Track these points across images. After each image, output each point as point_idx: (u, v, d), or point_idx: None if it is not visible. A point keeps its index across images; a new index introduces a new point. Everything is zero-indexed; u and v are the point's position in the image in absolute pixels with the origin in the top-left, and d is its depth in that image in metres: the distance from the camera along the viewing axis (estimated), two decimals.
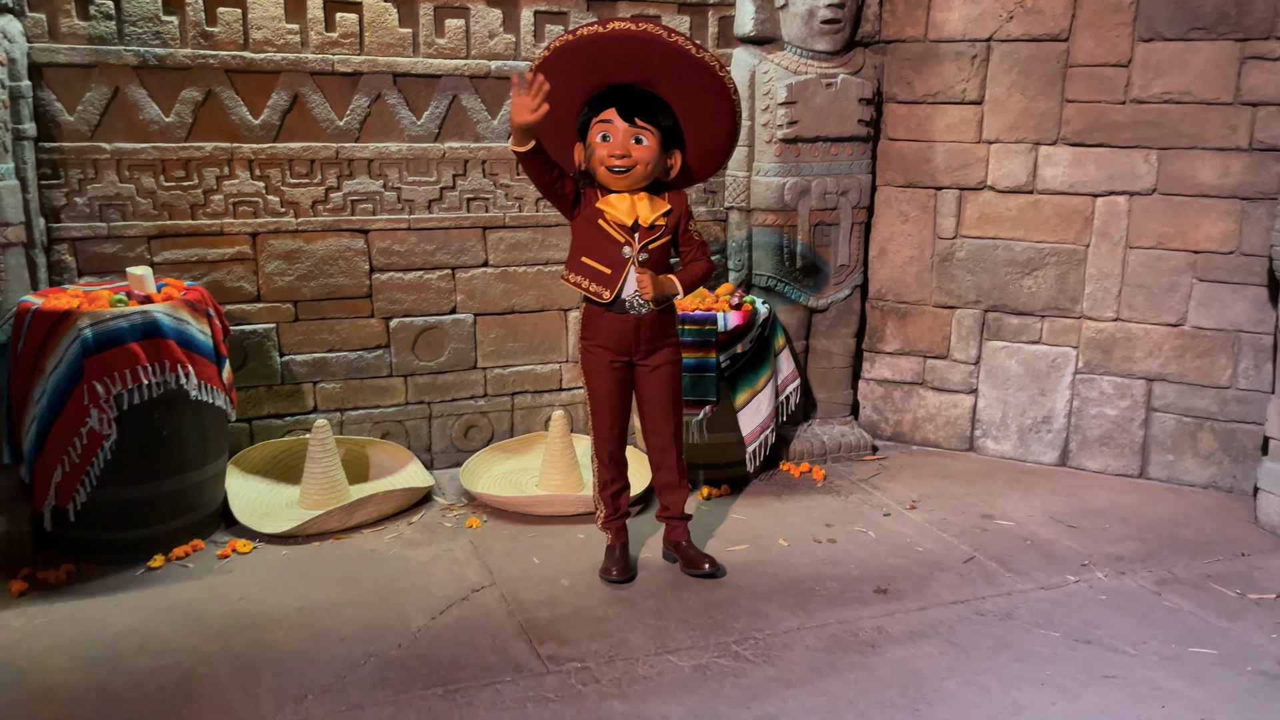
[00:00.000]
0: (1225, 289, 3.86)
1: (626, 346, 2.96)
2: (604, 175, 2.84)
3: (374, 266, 3.81)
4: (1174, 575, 3.26)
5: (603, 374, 3.00)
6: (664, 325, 2.99)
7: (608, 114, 2.79)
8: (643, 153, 2.81)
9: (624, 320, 2.92)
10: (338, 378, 3.84)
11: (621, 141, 2.79)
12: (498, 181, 3.90)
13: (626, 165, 2.80)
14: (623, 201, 2.86)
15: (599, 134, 2.81)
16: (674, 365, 3.03)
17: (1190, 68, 3.75)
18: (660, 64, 2.73)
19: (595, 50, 2.70)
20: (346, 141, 3.67)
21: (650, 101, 2.81)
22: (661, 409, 3.04)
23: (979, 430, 4.36)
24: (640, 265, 2.87)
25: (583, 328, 3.02)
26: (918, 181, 4.24)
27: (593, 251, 2.89)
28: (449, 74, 3.74)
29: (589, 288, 2.90)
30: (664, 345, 3.00)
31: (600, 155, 2.81)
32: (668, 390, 3.03)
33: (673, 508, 3.15)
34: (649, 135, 2.80)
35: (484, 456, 3.99)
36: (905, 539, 3.50)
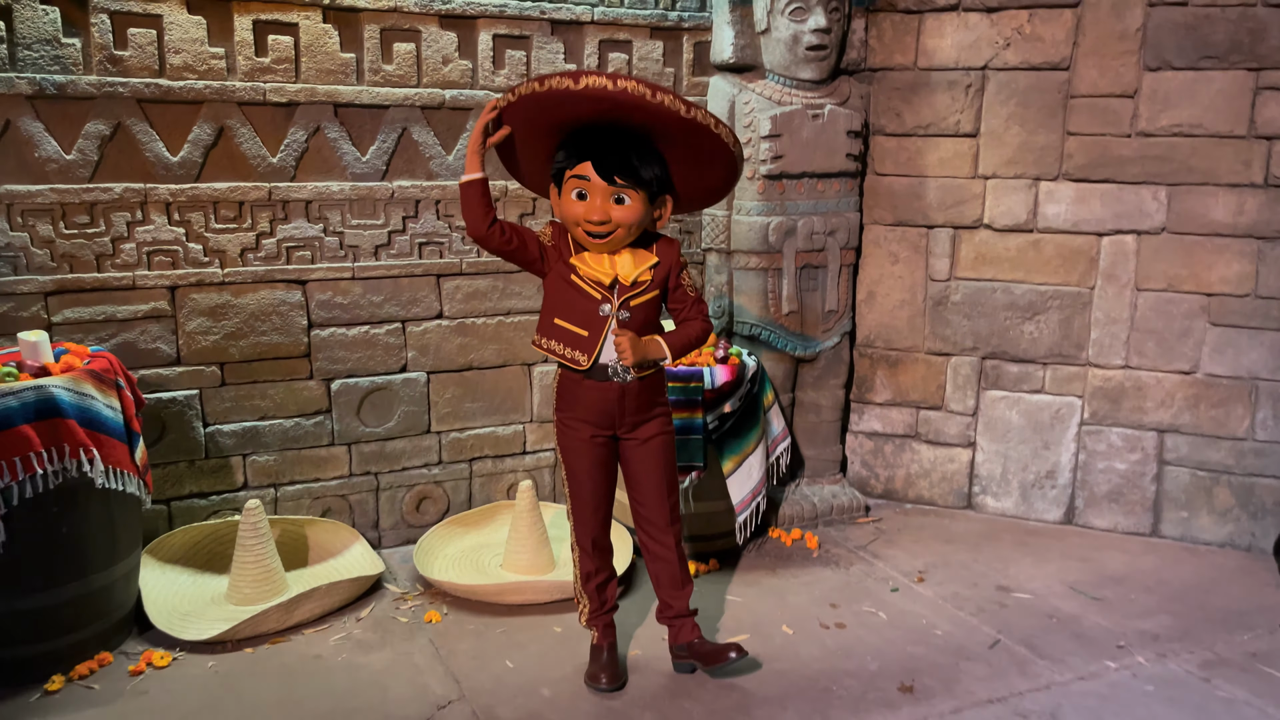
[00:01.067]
0: (1241, 334, 3.61)
1: (609, 419, 2.55)
2: (580, 236, 2.45)
3: (313, 321, 3.34)
4: (1218, 656, 2.95)
5: (582, 451, 2.59)
6: (652, 393, 2.58)
7: (583, 169, 2.36)
8: (625, 214, 2.39)
9: (605, 389, 2.51)
10: (271, 449, 3.36)
11: (600, 205, 2.37)
12: (453, 224, 3.48)
13: (605, 231, 2.41)
14: (600, 258, 2.47)
15: (573, 190, 2.39)
16: (666, 437, 2.63)
17: (1201, 99, 3.51)
18: (638, 118, 2.32)
19: (566, 101, 2.28)
20: (280, 181, 3.21)
21: (633, 150, 2.37)
22: (655, 489, 2.63)
23: (978, 486, 4.03)
24: (620, 325, 2.46)
25: (558, 398, 2.61)
26: (908, 220, 3.92)
27: (566, 311, 2.48)
28: (398, 104, 3.31)
29: (564, 353, 2.49)
30: (653, 416, 2.60)
31: (574, 215, 2.41)
32: (660, 466, 2.62)
33: (676, 605, 2.72)
34: (632, 195, 2.38)
35: (439, 533, 3.54)
36: (920, 620, 3.13)
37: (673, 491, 2.65)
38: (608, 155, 2.35)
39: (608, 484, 2.64)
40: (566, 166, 2.40)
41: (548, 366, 3.72)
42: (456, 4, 3.31)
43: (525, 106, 2.33)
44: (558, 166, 2.43)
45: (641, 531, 2.70)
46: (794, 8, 3.53)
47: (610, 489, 2.65)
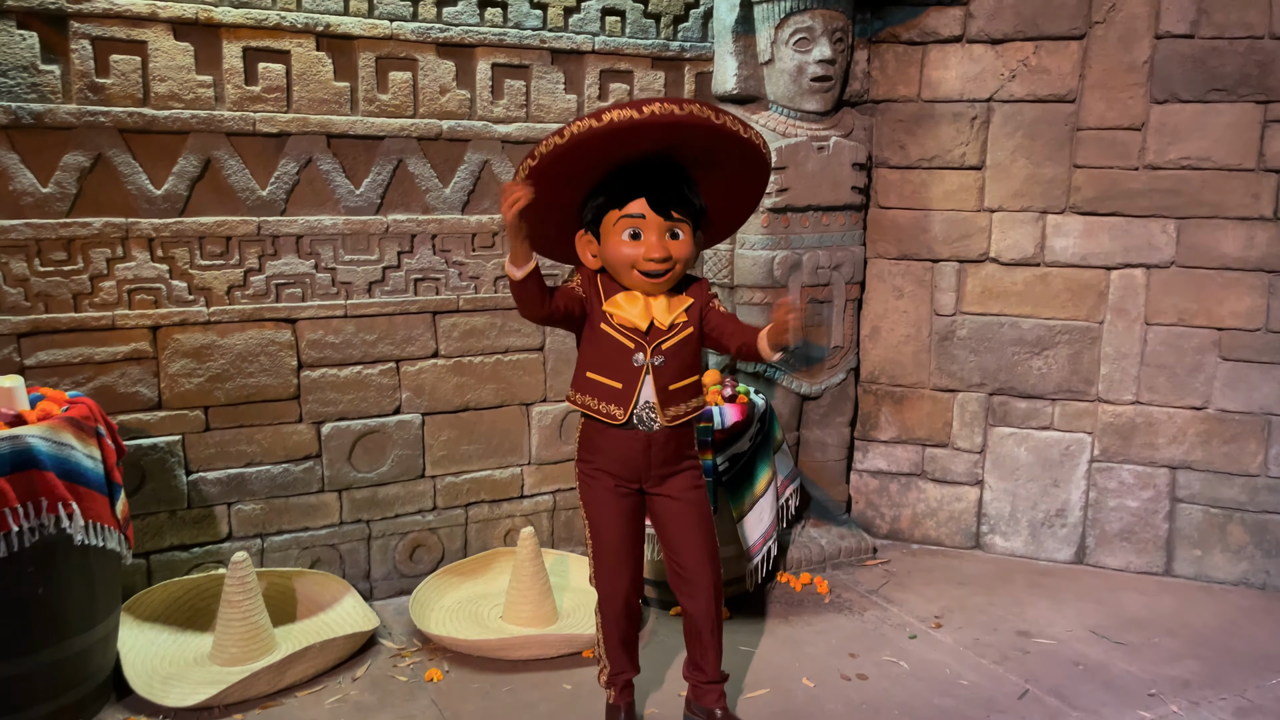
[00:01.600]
0: (1253, 369, 3.55)
1: (635, 470, 2.38)
2: (636, 280, 2.29)
3: (303, 362, 3.18)
4: (1251, 703, 2.85)
5: (606, 504, 2.40)
6: (680, 444, 2.41)
7: (636, 206, 2.22)
8: (681, 249, 2.28)
9: (630, 438, 2.34)
10: (258, 497, 3.18)
11: (658, 241, 2.24)
12: (450, 259, 3.33)
13: (666, 268, 2.26)
14: (634, 302, 2.32)
15: (626, 231, 2.24)
16: (698, 492, 2.44)
17: (1210, 132, 3.47)
18: (696, 143, 2.21)
19: (623, 135, 2.13)
20: (270, 215, 3.06)
21: (682, 183, 2.27)
22: (697, 550, 2.42)
23: (986, 526, 3.93)
24: (655, 371, 2.31)
25: (580, 445, 2.45)
26: (913, 253, 3.84)
27: (599, 363, 2.33)
28: (393, 135, 3.17)
29: (598, 409, 2.34)
30: (682, 469, 2.42)
31: (630, 256, 2.25)
32: (700, 524, 2.43)
33: (706, 670, 2.53)
34: (685, 229, 2.27)
35: (435, 583, 3.36)
36: (943, 670, 3.01)
37: (715, 550, 2.46)
38: (661, 189, 2.22)
39: (635, 539, 2.45)
40: (611, 207, 2.25)
41: (546, 407, 3.58)
42: (454, 32, 3.19)
43: (564, 155, 2.15)
44: (596, 211, 2.28)
45: (680, 593, 2.50)
46: (799, 38, 3.45)
47: (639, 545, 2.46)
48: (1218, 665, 3.07)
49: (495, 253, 3.39)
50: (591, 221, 2.31)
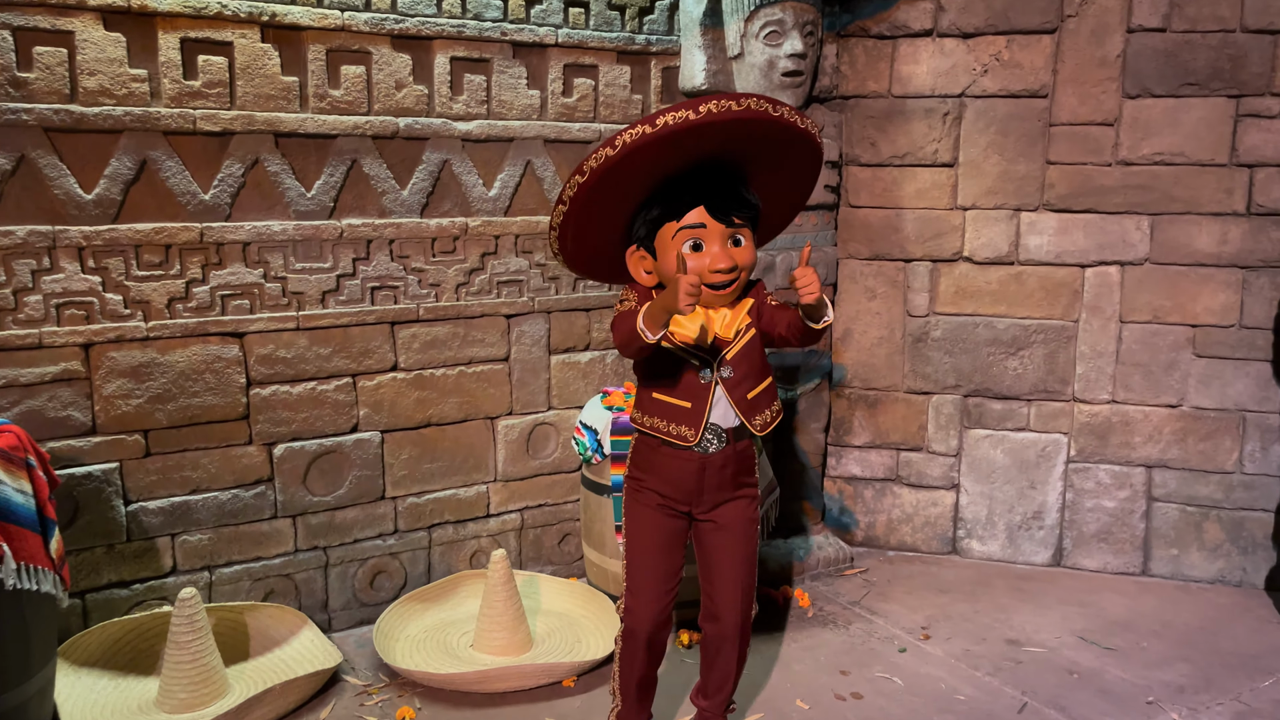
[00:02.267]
0: (1227, 365, 3.53)
1: (687, 492, 2.20)
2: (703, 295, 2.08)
3: (252, 379, 2.94)
4: (1248, 707, 2.80)
5: (649, 520, 2.23)
6: (738, 468, 2.21)
7: (696, 215, 2.03)
8: (745, 255, 2.09)
9: (683, 458, 2.17)
10: (205, 526, 2.93)
11: (721, 250, 2.05)
12: (409, 265, 3.13)
13: (732, 279, 2.08)
14: (694, 317, 2.12)
15: (687, 242, 2.05)
16: (749, 524, 2.25)
17: (1182, 127, 3.43)
18: (749, 142, 2.04)
19: (678, 140, 1.95)
20: (214, 220, 2.82)
21: (739, 186, 2.09)
22: (731, 584, 2.24)
23: (962, 530, 3.85)
24: (725, 382, 2.14)
25: (631, 461, 2.28)
26: (885, 253, 3.74)
27: (665, 384, 2.16)
28: (346, 133, 2.95)
29: (670, 431, 2.15)
30: (737, 496, 2.23)
31: (697, 269, 2.03)
32: (742, 559, 2.24)
33: (713, 700, 2.37)
34: (746, 234, 2.09)
35: (398, 611, 3.15)
36: (938, 684, 2.90)
37: (750, 590, 2.28)
38: (720, 194, 2.04)
39: (674, 566, 2.25)
40: (668, 219, 2.06)
41: (512, 420, 3.39)
42: (411, 24, 2.99)
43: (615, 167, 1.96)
44: (650, 225, 2.09)
45: (706, 625, 2.33)
46: (769, 31, 3.32)
47: (676, 574, 2.27)
48: (1208, 668, 3.02)
49: (456, 258, 3.19)
50: (645, 236, 2.11)
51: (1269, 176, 3.39)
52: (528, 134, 3.24)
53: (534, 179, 3.29)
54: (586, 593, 3.31)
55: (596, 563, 3.25)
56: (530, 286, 3.34)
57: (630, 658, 2.29)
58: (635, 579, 2.25)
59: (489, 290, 3.27)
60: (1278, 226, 3.41)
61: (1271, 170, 3.38)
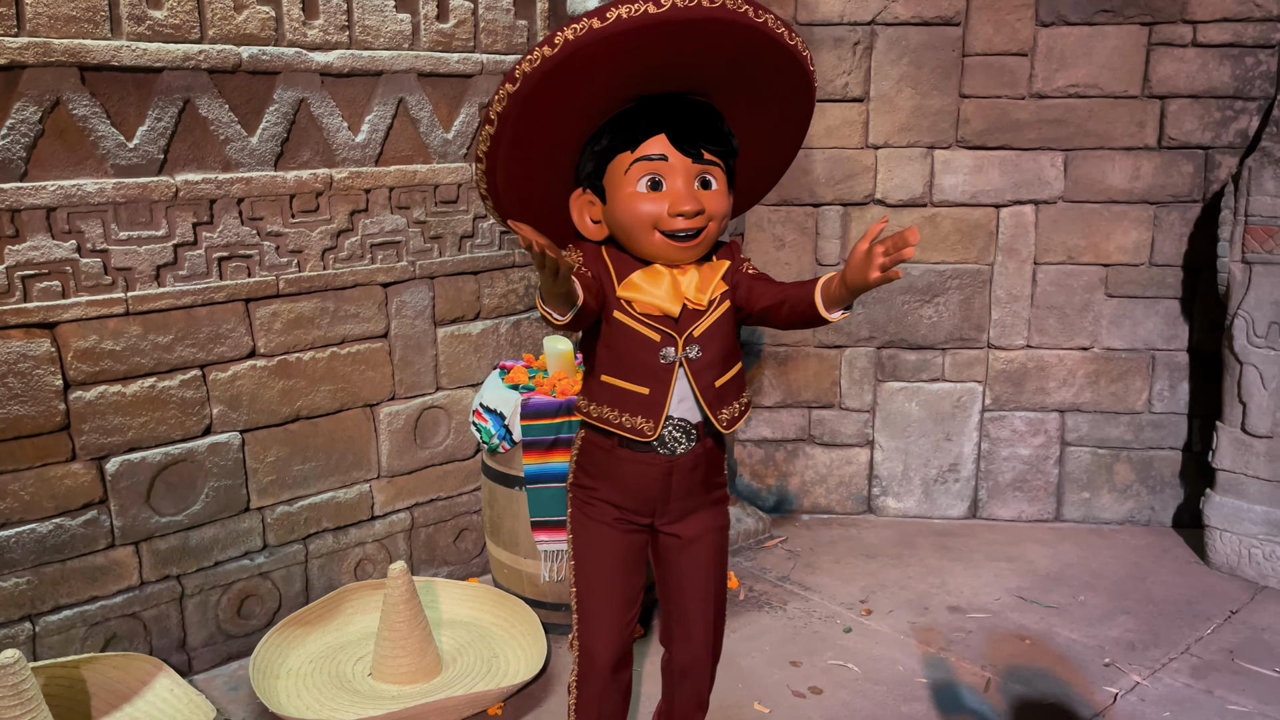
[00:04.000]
0: (1138, 304, 3.45)
1: (648, 503, 1.78)
2: (659, 246, 1.64)
3: (71, 380, 2.34)
4: (1201, 660, 2.73)
5: (603, 542, 1.80)
6: (709, 469, 1.81)
7: (655, 145, 1.60)
8: (715, 202, 1.64)
9: (647, 463, 1.74)
10: (21, 567, 2.33)
11: (686, 190, 1.60)
12: (263, 229, 2.57)
13: (699, 225, 1.62)
14: (657, 280, 1.67)
15: (642, 178, 1.61)
16: (721, 533, 1.85)
17: (1097, 56, 3.27)
18: (725, 60, 1.59)
19: (635, 45, 1.50)
20: (5, 181, 2.18)
21: (714, 116, 1.65)
22: (699, 606, 1.84)
23: (878, 488, 3.67)
24: (692, 364, 1.69)
25: (577, 466, 1.82)
26: (794, 198, 3.44)
27: (618, 365, 1.71)
28: (175, 66, 2.35)
29: (623, 423, 1.70)
30: (706, 503, 1.83)
31: (649, 214, 1.61)
32: (710, 577, 1.84)
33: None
34: (718, 173, 1.64)
35: (275, 640, 2.66)
36: (895, 667, 2.69)
37: (721, 611, 1.90)
38: (685, 121, 1.60)
39: (634, 591, 1.84)
40: (621, 149, 1.62)
41: (396, 406, 2.91)
42: None
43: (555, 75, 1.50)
44: (599, 157, 1.64)
45: (669, 650, 1.93)
46: None
47: (637, 598, 1.85)
48: (1150, 620, 2.95)
49: (321, 218, 2.66)
50: (593, 174, 1.67)
51: (1181, 108, 3.28)
52: (399, 66, 2.72)
53: (408, 120, 2.77)
54: (495, 597, 2.90)
55: (508, 564, 2.84)
56: (410, 249, 2.84)
57: (591, 703, 1.84)
58: (590, 608, 1.82)
59: (361, 255, 2.76)
60: (1188, 160, 3.32)
61: (1183, 101, 3.27)
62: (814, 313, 1.62)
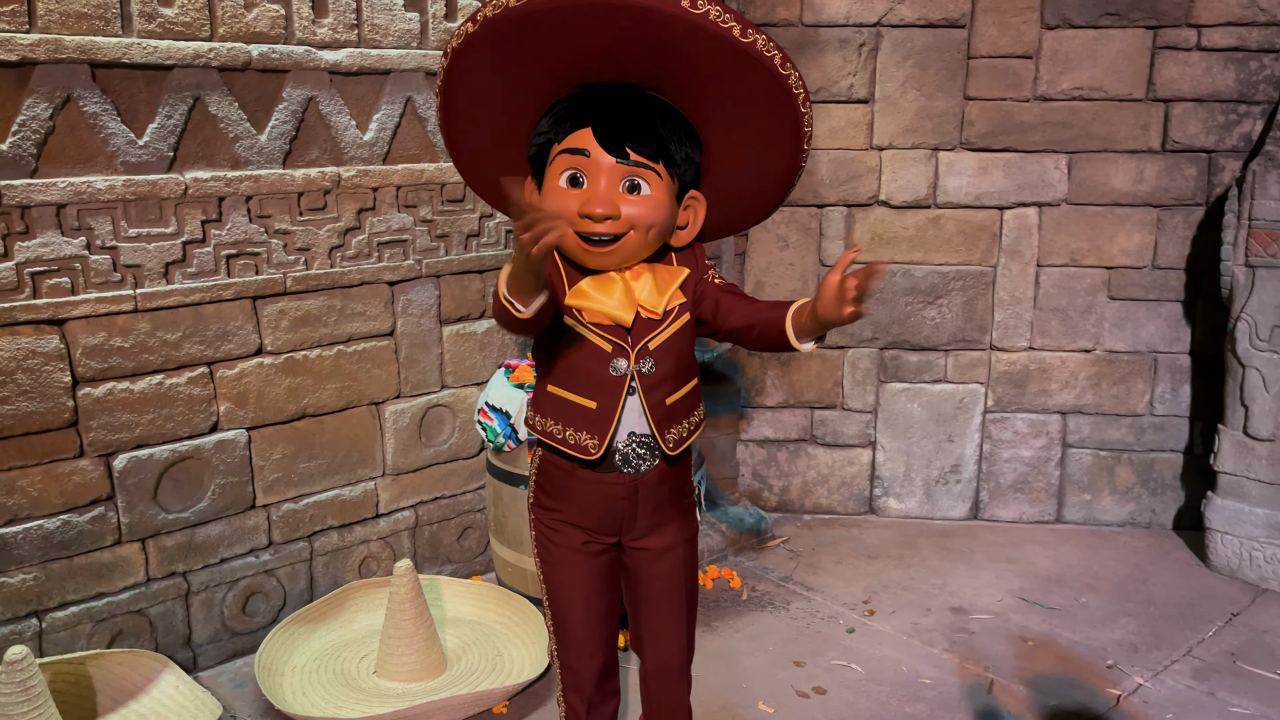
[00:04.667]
0: (1140, 307, 3.46)
1: (614, 522, 1.71)
2: (572, 245, 1.57)
3: (80, 377, 2.34)
4: (1203, 662, 2.74)
5: (571, 566, 1.73)
6: (676, 482, 1.73)
7: (579, 139, 1.52)
8: (642, 209, 1.54)
9: (609, 484, 1.66)
10: (29, 563, 2.34)
11: (605, 191, 1.52)
12: (271, 227, 2.57)
13: (611, 232, 1.54)
14: (608, 288, 1.60)
15: (564, 173, 1.55)
16: (689, 545, 1.79)
17: (1101, 60, 3.28)
18: (677, 53, 1.47)
19: (560, 26, 1.45)
20: (15, 177, 2.18)
21: (655, 115, 1.56)
22: (668, 619, 1.79)
23: (879, 489, 3.68)
24: (644, 378, 1.60)
25: (536, 485, 1.75)
26: (798, 199, 3.45)
27: (565, 375, 1.63)
28: (185, 63, 2.35)
29: (566, 438, 1.63)
30: (673, 519, 1.75)
31: (566, 210, 1.53)
32: (679, 589, 1.78)
33: None
34: (654, 180, 1.55)
35: (281, 638, 2.66)
36: (898, 667, 2.70)
37: (692, 619, 1.85)
38: (617, 116, 1.52)
39: (610, 611, 1.77)
40: (553, 139, 1.56)
41: (401, 404, 2.91)
42: None
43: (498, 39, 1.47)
44: (538, 143, 1.59)
45: (641, 658, 1.87)
46: None
47: (613, 615, 1.80)
48: (1152, 622, 2.96)
49: (329, 216, 2.66)
50: (534, 159, 1.61)
51: (1185, 111, 3.29)
52: (407, 65, 2.72)
53: (416, 119, 2.78)
54: (499, 595, 2.91)
55: (513, 562, 2.85)
56: (416, 247, 2.85)
57: (575, 712, 1.79)
58: (567, 630, 1.77)
59: (368, 253, 2.76)
60: (1192, 164, 3.33)
61: (1187, 105, 3.29)
62: (784, 341, 1.56)
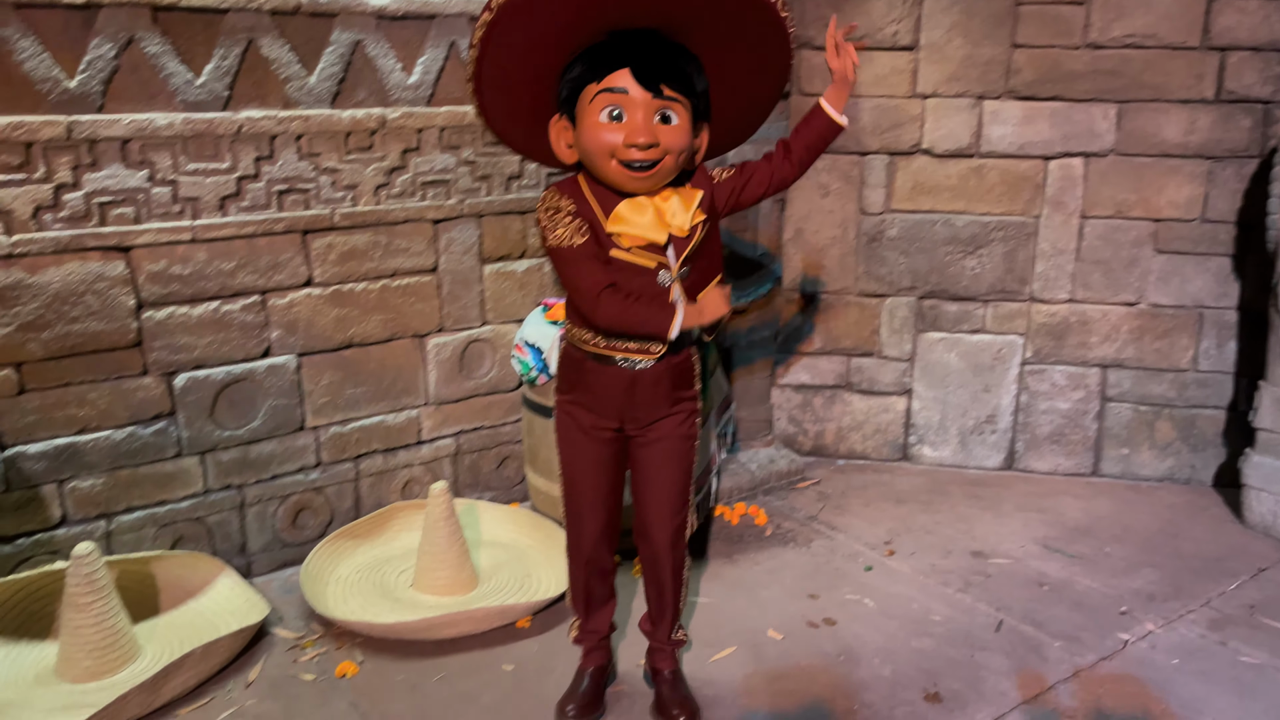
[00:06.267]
0: (1188, 261, 3.42)
1: (615, 410, 2.02)
2: (615, 173, 1.82)
3: (144, 300, 2.54)
4: (1220, 613, 2.76)
5: (579, 444, 2.08)
6: (674, 383, 2.02)
7: (618, 78, 1.76)
8: (674, 136, 1.80)
9: (611, 375, 1.98)
10: (98, 470, 2.56)
11: (644, 123, 1.77)
12: (320, 164, 2.72)
13: (653, 158, 1.79)
14: (641, 210, 1.85)
15: (604, 110, 1.78)
16: (683, 441, 2.08)
17: (1156, 6, 3.22)
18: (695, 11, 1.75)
19: None
20: (84, 112, 2.37)
21: (679, 54, 1.81)
22: (658, 500, 2.09)
23: (914, 436, 3.72)
24: (684, 284, 1.91)
25: (559, 375, 2.09)
26: (840, 146, 3.47)
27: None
28: (239, 7, 2.50)
29: (629, 348, 1.95)
30: (673, 411, 2.05)
31: (608, 143, 1.79)
32: (670, 475, 2.08)
33: (657, 628, 2.26)
34: (680, 110, 1.80)
35: (326, 551, 2.86)
36: (910, 604, 2.78)
37: (683, 506, 2.11)
38: (650, 57, 1.76)
39: (610, 489, 2.11)
40: (590, 80, 1.78)
41: (443, 338, 3.06)
42: None
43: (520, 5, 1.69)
44: (571, 86, 1.81)
45: (639, 543, 2.19)
46: None
47: (615, 496, 2.13)
48: (1175, 574, 2.97)
49: (374, 155, 2.80)
50: (566, 100, 1.84)
51: (1241, 60, 3.22)
52: (451, 9, 2.82)
53: (459, 63, 2.89)
54: (531, 520, 3.06)
55: (544, 489, 3.00)
56: (458, 187, 2.97)
57: (574, 573, 2.23)
58: (571, 504, 2.15)
59: (412, 192, 2.90)
60: (1247, 114, 3.26)
61: (1244, 54, 3.21)
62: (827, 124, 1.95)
